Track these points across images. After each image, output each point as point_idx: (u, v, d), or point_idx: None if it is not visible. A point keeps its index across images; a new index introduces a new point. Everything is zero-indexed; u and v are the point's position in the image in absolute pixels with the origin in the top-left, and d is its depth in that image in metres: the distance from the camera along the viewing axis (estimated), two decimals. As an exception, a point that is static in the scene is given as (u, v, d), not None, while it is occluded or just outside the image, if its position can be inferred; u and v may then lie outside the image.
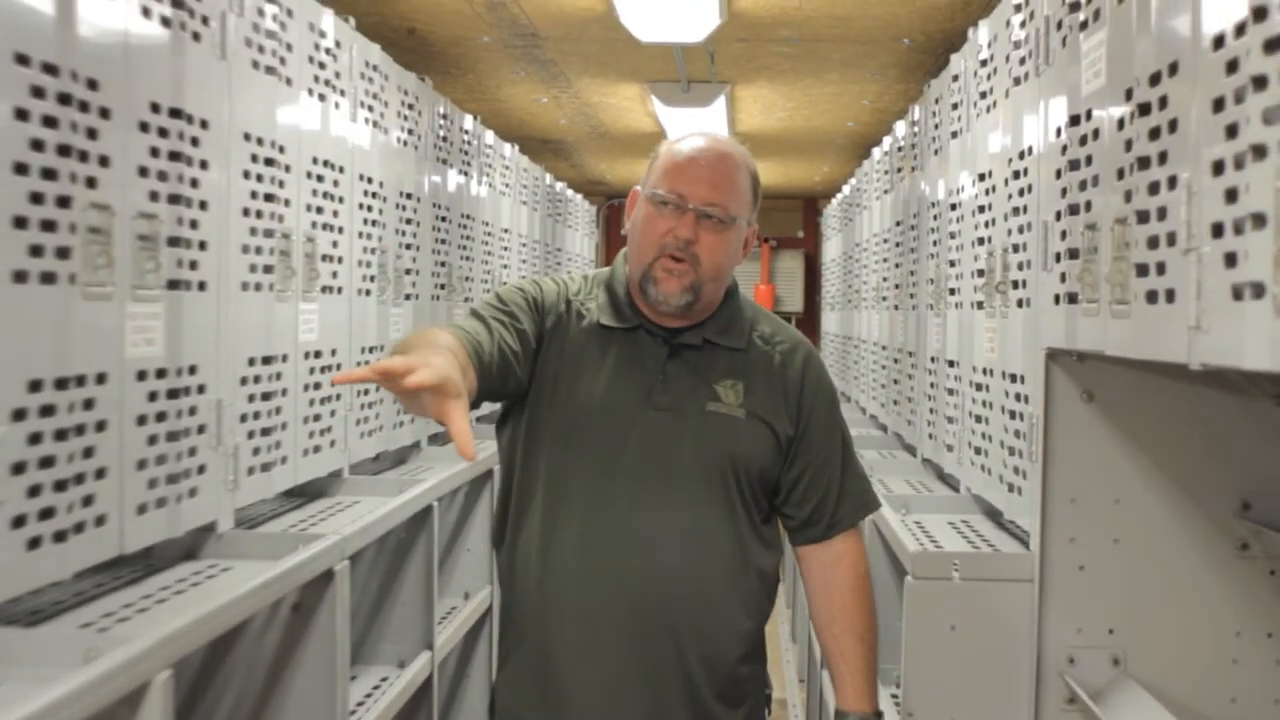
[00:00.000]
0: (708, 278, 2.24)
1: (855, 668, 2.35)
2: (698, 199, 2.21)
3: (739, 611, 2.28)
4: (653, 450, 2.23)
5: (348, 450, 3.17)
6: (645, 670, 2.21)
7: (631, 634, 2.20)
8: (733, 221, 2.24)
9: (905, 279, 4.24)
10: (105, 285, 1.90)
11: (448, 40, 5.04)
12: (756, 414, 2.29)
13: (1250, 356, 1.40)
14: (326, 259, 2.96)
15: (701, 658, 2.23)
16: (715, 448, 2.25)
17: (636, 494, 2.22)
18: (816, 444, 2.35)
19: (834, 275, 7.61)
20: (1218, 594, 2.32)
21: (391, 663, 3.22)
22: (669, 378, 2.27)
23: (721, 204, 2.22)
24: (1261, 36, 1.38)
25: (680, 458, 2.23)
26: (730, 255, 2.27)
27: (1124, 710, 2.20)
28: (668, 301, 2.23)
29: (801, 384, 2.34)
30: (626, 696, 2.21)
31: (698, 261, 2.22)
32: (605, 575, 2.20)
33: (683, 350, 2.29)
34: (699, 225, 2.21)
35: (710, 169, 2.24)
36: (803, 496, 2.35)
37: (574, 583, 2.21)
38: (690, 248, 2.21)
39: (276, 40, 2.63)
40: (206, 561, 2.37)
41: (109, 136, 1.91)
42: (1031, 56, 2.49)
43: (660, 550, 2.21)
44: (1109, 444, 2.32)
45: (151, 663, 1.64)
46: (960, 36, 3.37)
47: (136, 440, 2.04)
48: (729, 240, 2.25)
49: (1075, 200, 2.14)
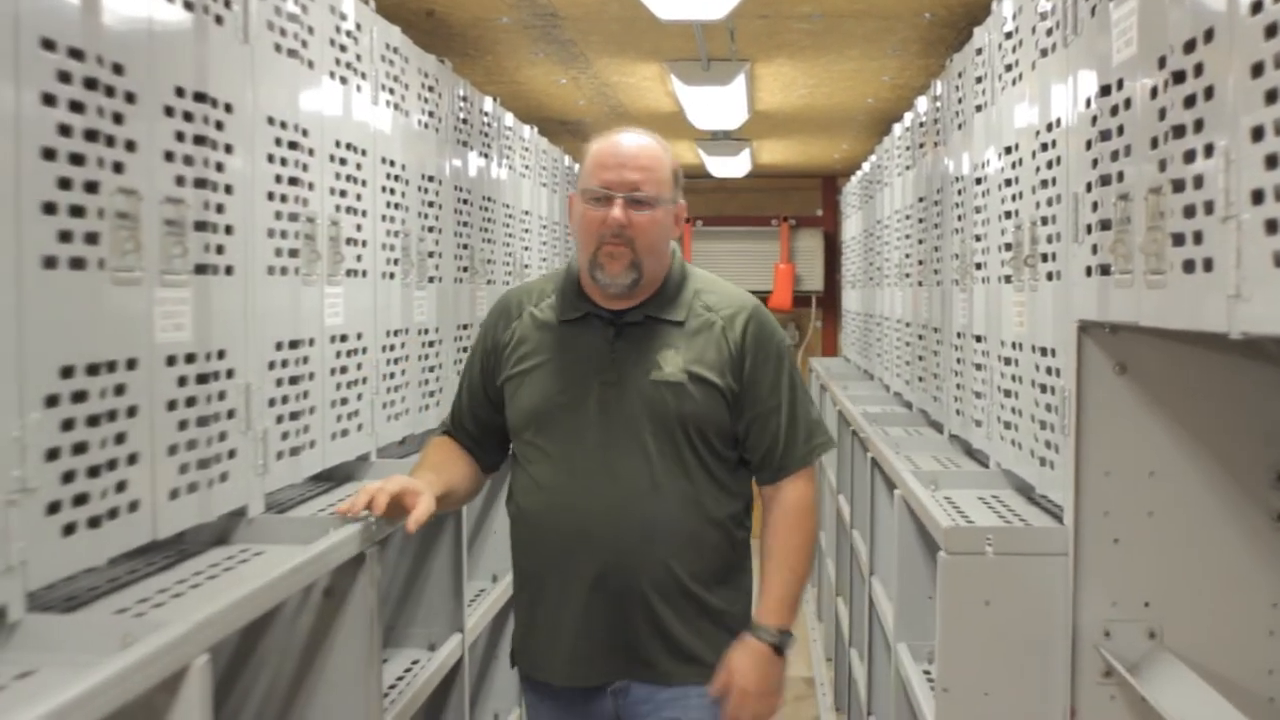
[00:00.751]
0: (644, 254, 2.59)
1: (775, 590, 2.65)
2: (623, 187, 2.57)
3: (694, 551, 2.61)
4: (605, 420, 2.60)
5: (375, 434, 3.17)
6: (612, 608, 2.58)
7: (596, 582, 2.58)
8: (657, 201, 2.59)
9: (929, 255, 4.22)
10: (134, 270, 1.90)
11: (467, 22, 5.02)
12: (699, 377, 2.61)
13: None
14: (351, 242, 2.95)
15: (662, 596, 2.59)
16: (661, 412, 2.59)
17: (595, 460, 2.59)
18: (762, 396, 2.65)
19: (854, 253, 7.59)
20: (1253, 566, 2.30)
21: (422, 646, 3.22)
22: (616, 356, 2.63)
23: (644, 185, 2.58)
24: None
25: (630, 424, 2.59)
26: (661, 231, 2.62)
27: (1161, 683, 2.19)
28: (615, 281, 2.59)
29: (742, 344, 2.65)
30: (599, 629, 2.59)
31: (633, 241, 2.57)
32: (573, 532, 2.59)
33: (627, 329, 2.65)
34: (628, 209, 2.56)
35: (631, 158, 2.59)
36: (754, 444, 2.67)
37: (548, 541, 2.63)
38: (624, 231, 2.56)
39: (298, 23, 2.62)
40: (238, 546, 2.37)
41: (135, 121, 1.91)
42: (1059, 27, 2.47)
43: (617, 506, 2.57)
44: (1142, 416, 2.30)
45: (189, 648, 1.64)
46: (983, 10, 3.34)
47: (167, 425, 2.04)
48: (657, 218, 2.60)
49: (1107, 171, 2.12)
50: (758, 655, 2.61)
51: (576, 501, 2.59)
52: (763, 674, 2.60)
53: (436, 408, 3.74)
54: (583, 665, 2.62)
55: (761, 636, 2.62)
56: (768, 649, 2.61)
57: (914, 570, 3.27)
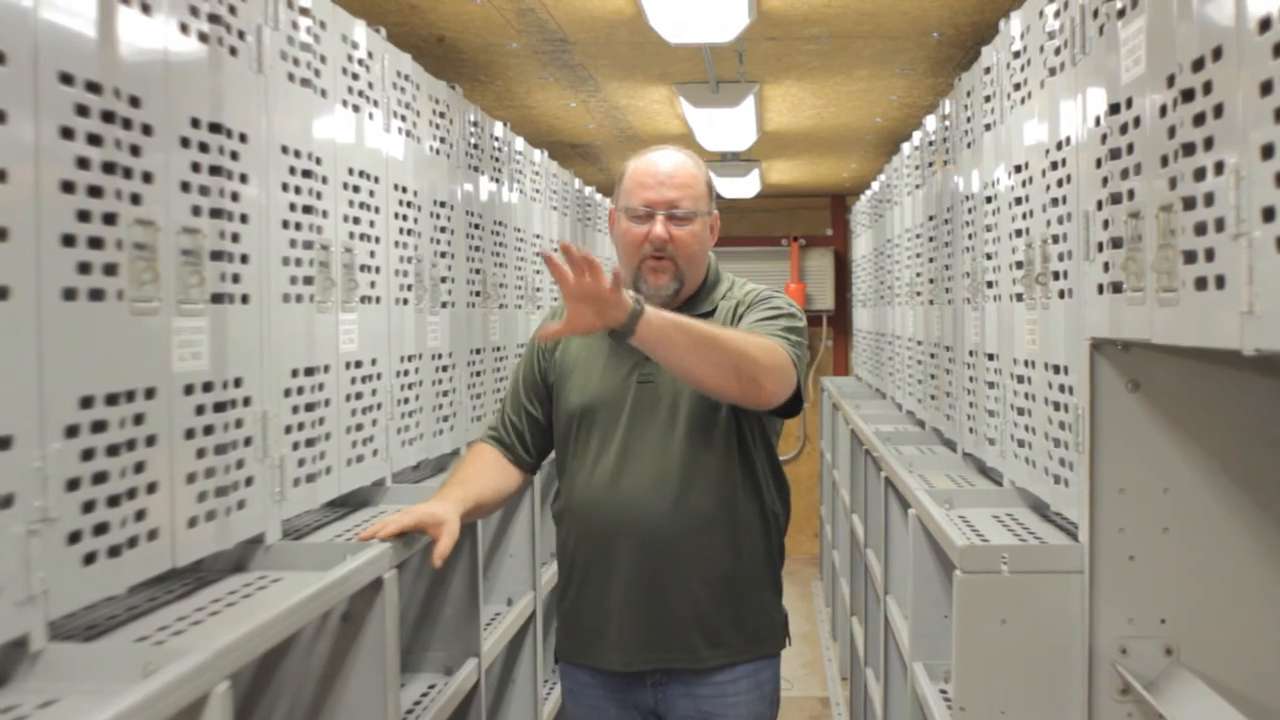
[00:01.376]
0: (686, 265, 2.77)
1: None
2: (664, 205, 2.74)
3: (728, 539, 2.76)
4: (642, 415, 2.76)
5: (389, 459, 3.18)
6: (651, 595, 2.72)
7: (636, 569, 2.72)
8: (695, 215, 2.77)
9: (940, 273, 4.23)
10: (152, 300, 1.92)
11: (477, 47, 5.05)
12: None
13: (1306, 341, 1.39)
14: (365, 269, 2.97)
15: (700, 582, 2.73)
16: (694, 402, 2.72)
17: (633, 453, 2.74)
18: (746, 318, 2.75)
19: (865, 272, 7.60)
20: (1270, 581, 2.30)
21: (438, 670, 3.23)
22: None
23: (682, 201, 2.75)
24: (1309, 18, 1.37)
25: (663, 418, 2.74)
26: (700, 243, 2.79)
27: (1178, 700, 2.19)
28: (659, 293, 2.74)
29: (737, 308, 2.81)
30: (639, 614, 2.73)
31: (675, 255, 2.75)
32: (613, 522, 2.73)
33: None
34: (669, 225, 2.73)
35: (668, 176, 2.76)
36: None
37: (591, 530, 2.78)
38: (667, 246, 2.73)
39: (311, 53, 2.64)
40: (256, 573, 2.38)
41: (152, 153, 1.93)
42: (1067, 46, 2.48)
43: (654, 496, 2.71)
44: (1156, 433, 2.31)
45: (210, 675, 1.65)
46: (990, 29, 3.35)
47: (186, 454, 2.06)
48: (696, 231, 2.77)
49: (1117, 189, 2.13)
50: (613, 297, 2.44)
51: (616, 492, 2.74)
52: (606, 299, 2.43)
53: (450, 432, 3.75)
54: (623, 651, 2.77)
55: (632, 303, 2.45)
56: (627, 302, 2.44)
57: (929, 589, 3.27)
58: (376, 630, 2.40)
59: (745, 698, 2.79)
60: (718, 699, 2.78)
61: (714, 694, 2.78)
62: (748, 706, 2.80)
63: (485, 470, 2.89)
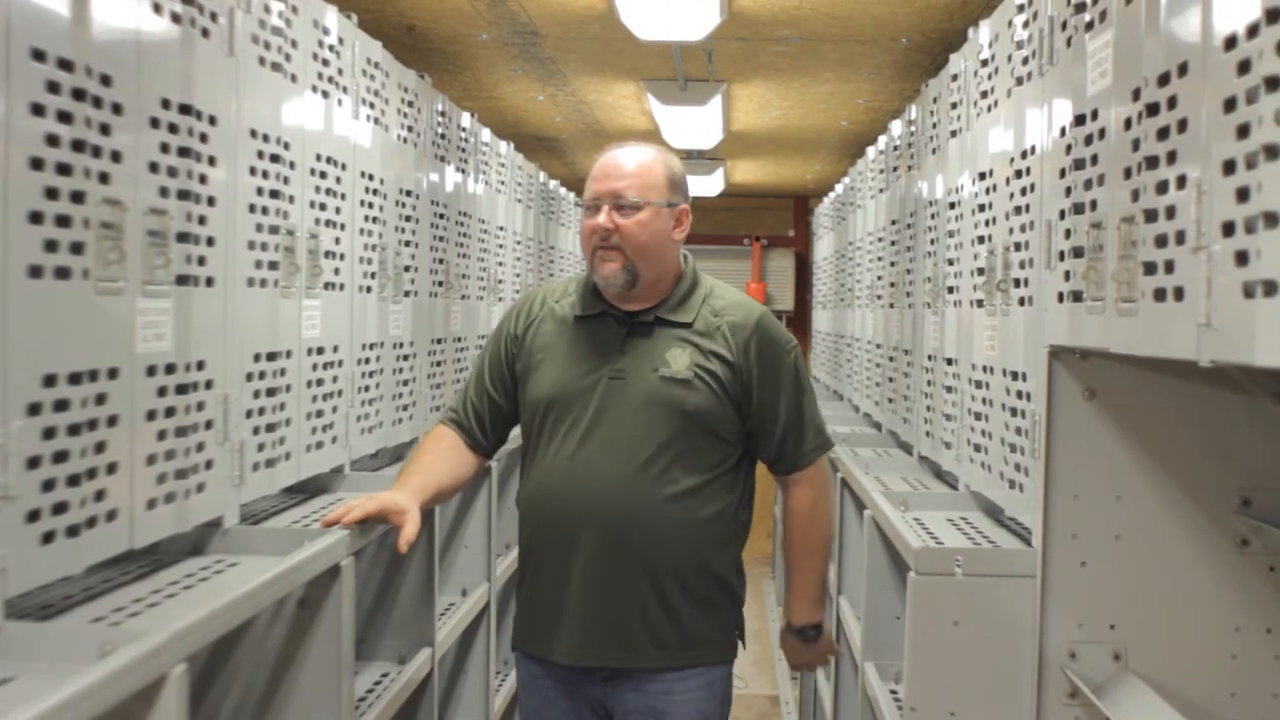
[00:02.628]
0: (636, 255, 2.75)
1: (800, 590, 2.98)
2: (607, 194, 2.75)
3: (688, 540, 2.75)
4: (611, 410, 2.75)
5: (349, 446, 3.18)
6: (607, 590, 2.73)
7: (593, 563, 2.73)
8: (644, 204, 2.74)
9: (901, 277, 4.26)
10: (117, 280, 1.91)
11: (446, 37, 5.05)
12: (705, 375, 2.76)
13: (1262, 353, 1.42)
14: (329, 255, 2.96)
15: (653, 580, 2.74)
16: (666, 405, 2.74)
17: (599, 447, 2.74)
18: (768, 400, 2.81)
19: (826, 274, 7.63)
20: (1218, 590, 2.34)
21: (392, 659, 3.22)
22: (625, 352, 2.79)
23: (626, 191, 2.74)
24: (1275, 38, 1.40)
25: (633, 413, 2.74)
26: (652, 233, 2.76)
27: (1125, 704, 2.22)
28: (611, 282, 2.76)
29: (746, 349, 2.80)
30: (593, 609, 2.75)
31: (622, 244, 2.73)
32: (575, 514, 2.74)
33: (638, 328, 2.81)
34: (614, 214, 2.74)
35: (616, 168, 2.77)
36: (763, 444, 2.86)
37: (551, 521, 2.78)
38: (612, 236, 2.73)
39: (282, 37, 2.63)
40: (213, 557, 2.38)
41: (121, 132, 1.92)
42: (1035, 56, 2.51)
43: (618, 491, 2.72)
44: (1110, 441, 2.34)
45: (166, 657, 1.65)
46: (959, 36, 3.38)
47: (146, 435, 2.05)
48: (643, 220, 2.75)
49: (1080, 199, 2.15)
50: (794, 645, 3.04)
51: (580, 485, 2.74)
52: (802, 657, 3.08)
53: (410, 421, 3.75)
54: (576, 644, 2.77)
55: (791, 634, 3.02)
56: (797, 641, 3.02)
57: (882, 590, 3.29)
58: (333, 617, 2.40)
59: (694, 695, 2.79)
60: (665, 695, 2.78)
61: (662, 690, 2.78)
62: (696, 705, 2.80)
63: (444, 457, 2.88)
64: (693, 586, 2.77)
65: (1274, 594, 2.34)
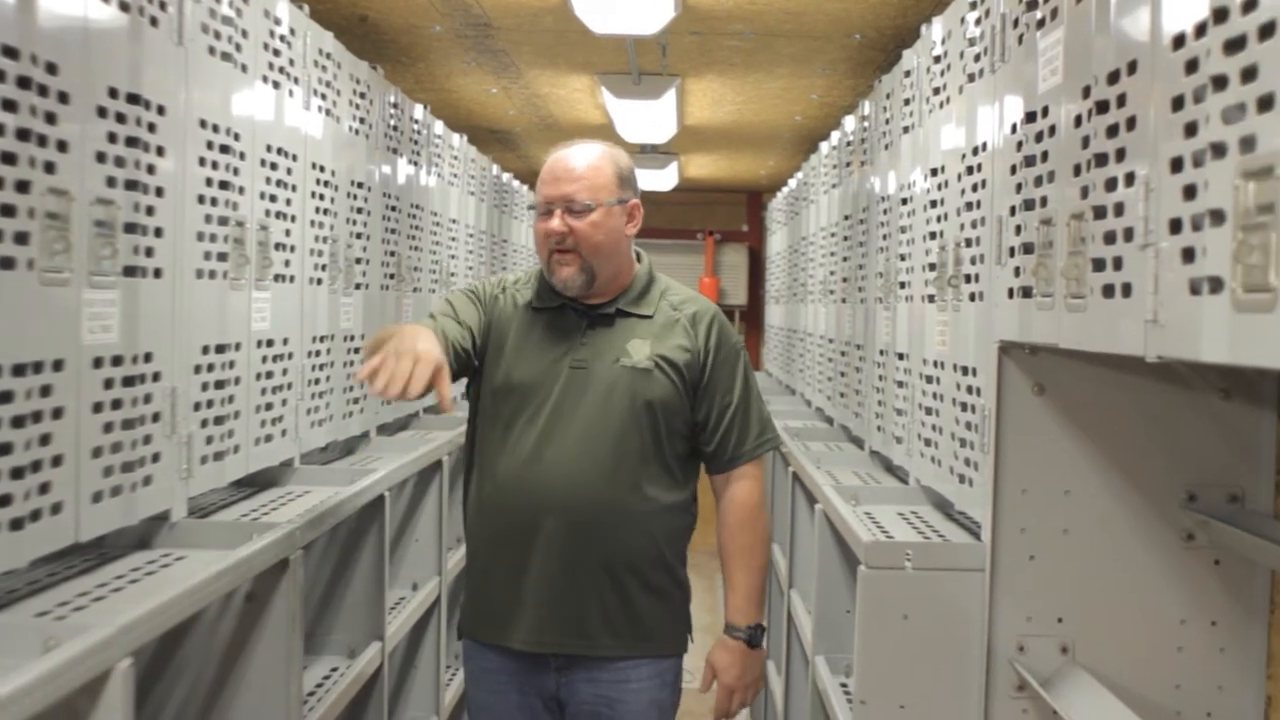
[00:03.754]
0: (591, 256, 2.75)
1: (740, 589, 2.88)
2: (559, 199, 2.74)
3: (646, 529, 2.77)
4: (572, 401, 2.76)
5: (299, 440, 3.15)
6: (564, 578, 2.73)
7: (552, 551, 2.73)
8: (596, 205, 2.74)
9: (853, 273, 4.27)
10: (63, 271, 1.89)
11: (399, 29, 5.02)
12: (665, 366, 2.79)
13: (1208, 349, 1.43)
14: (279, 247, 2.94)
15: (610, 570, 2.74)
16: (625, 394, 2.76)
17: (560, 436, 2.74)
18: (720, 390, 2.85)
19: (779, 269, 7.65)
20: (1164, 583, 2.36)
21: (342, 653, 3.21)
22: (587, 343, 2.80)
23: (577, 194, 2.73)
24: (1222, 37, 1.41)
25: (595, 403, 2.75)
26: (606, 232, 2.77)
27: (1072, 697, 2.24)
28: (569, 286, 2.77)
29: (706, 340, 2.85)
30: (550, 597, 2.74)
31: (577, 246, 2.73)
32: (535, 503, 2.73)
33: (599, 320, 2.82)
34: (567, 218, 2.73)
35: (565, 170, 2.76)
36: (710, 434, 2.85)
37: (510, 510, 2.76)
38: (566, 239, 2.73)
39: (232, 26, 2.61)
40: (160, 550, 2.36)
41: (68, 121, 1.90)
42: (987, 54, 2.52)
43: (579, 481, 2.72)
44: (1059, 436, 2.36)
45: (112, 651, 1.63)
46: (911, 33, 3.40)
47: (93, 428, 2.03)
48: (596, 221, 2.75)
49: (1030, 196, 2.17)
50: (735, 652, 2.87)
51: (543, 474, 2.73)
52: (743, 668, 2.88)
53: (360, 415, 3.73)
54: (533, 631, 2.76)
55: (735, 635, 2.87)
56: (742, 645, 2.87)
57: (833, 584, 3.30)
58: (281, 611, 2.38)
59: (647, 684, 2.81)
60: (620, 685, 2.79)
61: (616, 679, 2.79)
62: (649, 694, 2.81)
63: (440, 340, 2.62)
64: (649, 578, 2.79)
65: (1219, 587, 2.36)
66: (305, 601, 2.88)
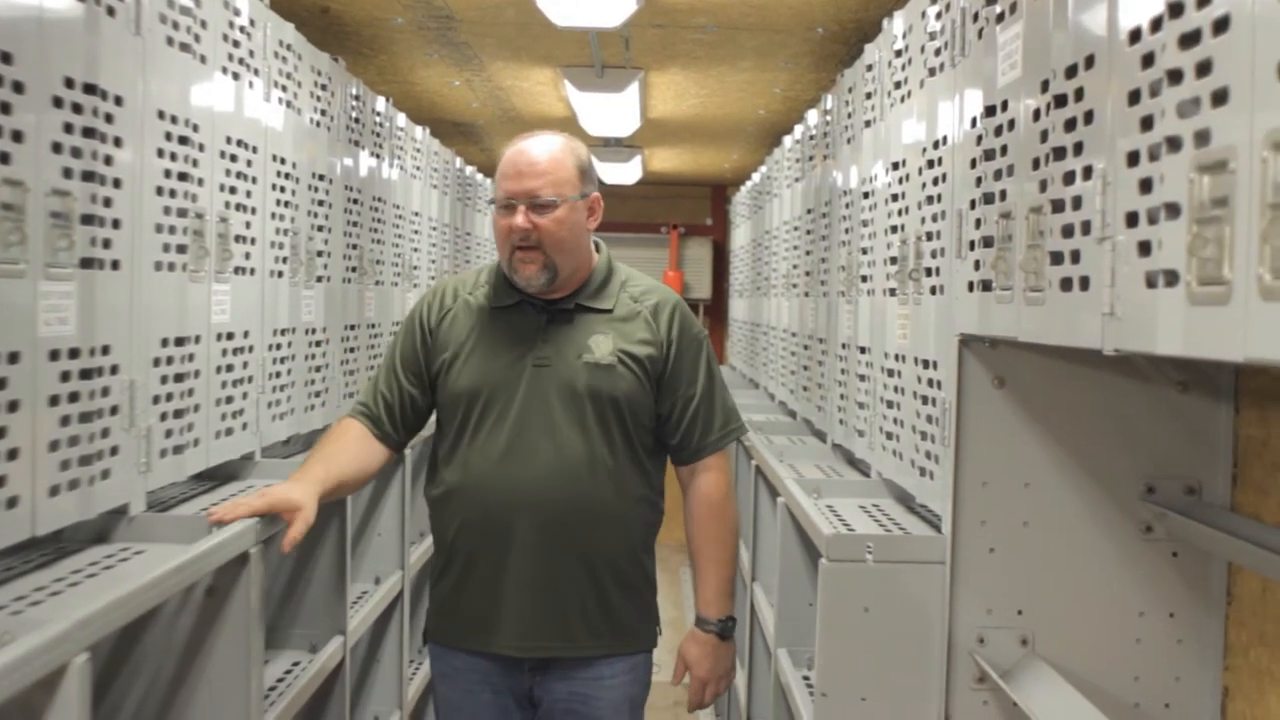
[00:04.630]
0: (555, 252, 2.70)
1: (710, 582, 2.86)
2: (524, 195, 2.68)
3: (619, 526, 2.76)
4: (537, 400, 2.72)
5: (259, 433, 3.14)
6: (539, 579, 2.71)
7: (525, 553, 2.70)
8: (561, 201, 2.70)
9: (816, 266, 4.28)
10: (18, 263, 1.87)
11: (361, 21, 4.99)
12: (628, 360, 2.75)
13: (1163, 342, 1.44)
14: (239, 240, 2.92)
15: (586, 568, 2.73)
16: (592, 391, 2.72)
17: (528, 437, 2.71)
18: (683, 381, 2.82)
19: (742, 262, 7.66)
20: (1123, 575, 2.38)
21: (303, 648, 3.19)
22: (547, 339, 2.76)
23: (542, 190, 2.68)
24: (1177, 32, 1.42)
25: (559, 402, 2.72)
26: (570, 228, 2.72)
27: (1032, 688, 2.26)
28: (531, 284, 2.72)
29: (669, 331, 2.82)
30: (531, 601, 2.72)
31: (541, 243, 2.68)
32: (505, 506, 2.70)
33: (558, 315, 2.78)
34: (532, 214, 2.68)
35: (528, 165, 2.70)
36: (674, 425, 2.83)
37: (481, 515, 2.73)
38: (531, 235, 2.68)
39: (191, 17, 2.59)
40: (118, 545, 2.34)
41: (22, 111, 1.88)
42: (947, 48, 2.53)
43: (549, 481, 2.69)
44: (1019, 429, 2.37)
45: (68, 646, 1.62)
46: (874, 26, 3.40)
47: (49, 421, 2.01)
48: (560, 218, 2.70)
49: (990, 189, 2.18)
50: (706, 645, 2.85)
51: (513, 476, 2.70)
52: (715, 661, 2.86)
53: (322, 408, 3.71)
54: (515, 636, 2.73)
55: (707, 628, 2.86)
56: (714, 638, 2.85)
57: (795, 577, 3.32)
58: (241, 606, 2.37)
59: (621, 680, 2.81)
60: (595, 682, 2.78)
61: (592, 677, 2.78)
62: (623, 690, 2.81)
63: (349, 447, 2.78)
64: (624, 573, 2.78)
65: (1177, 579, 2.38)
66: (266, 596, 2.87)
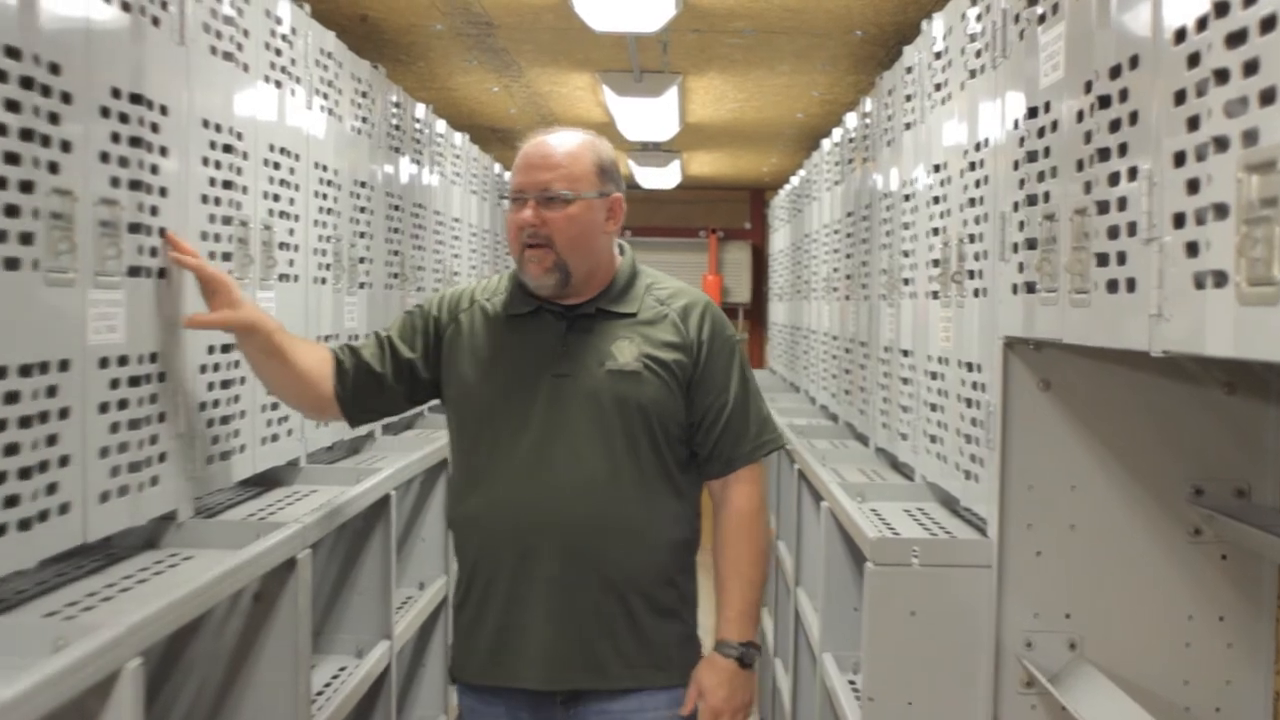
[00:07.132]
0: (566, 251, 2.52)
1: (734, 603, 2.59)
2: (535, 188, 2.51)
3: (649, 546, 2.55)
4: (558, 413, 2.53)
5: (304, 439, 3.16)
6: (567, 607, 2.51)
7: (553, 579, 2.50)
8: (575, 197, 2.52)
9: (857, 269, 4.27)
10: (68, 271, 1.89)
11: (400, 28, 5.02)
12: (654, 365, 2.55)
13: (1212, 343, 1.43)
14: (283, 247, 2.94)
15: (617, 592, 2.52)
16: (618, 401, 2.53)
17: (549, 455, 2.51)
18: (715, 388, 2.60)
19: (782, 266, 7.65)
20: (1171, 578, 2.36)
21: (349, 652, 3.21)
22: (569, 348, 2.56)
23: (555, 184, 2.51)
24: (1223, 31, 1.41)
25: (582, 414, 2.52)
26: (583, 227, 2.54)
27: (1080, 693, 2.24)
28: (539, 285, 2.53)
29: (698, 335, 2.61)
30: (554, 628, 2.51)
31: (551, 240, 2.50)
32: (529, 529, 2.50)
33: (580, 322, 2.59)
34: (542, 209, 2.51)
35: (541, 158, 2.54)
36: (704, 436, 2.61)
37: (503, 539, 2.53)
38: (540, 231, 2.50)
39: (234, 26, 2.61)
40: (167, 550, 2.36)
41: (71, 122, 1.90)
42: (988, 49, 2.52)
43: (574, 500, 2.50)
44: (1065, 431, 2.36)
45: (121, 651, 1.63)
46: (912, 29, 3.40)
47: (99, 428, 2.03)
48: (575, 215, 2.52)
49: (1033, 191, 2.17)
50: (724, 672, 2.56)
51: (534, 497, 2.51)
52: (731, 690, 2.55)
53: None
54: (542, 668, 2.52)
55: (726, 653, 2.56)
56: (733, 664, 2.56)
57: (840, 581, 3.30)
58: (289, 611, 2.38)
59: (662, 714, 2.58)
60: (633, 714, 2.57)
61: (631, 709, 2.56)
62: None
63: (312, 352, 2.60)
64: (656, 598, 2.56)
65: (1226, 582, 2.36)
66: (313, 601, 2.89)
